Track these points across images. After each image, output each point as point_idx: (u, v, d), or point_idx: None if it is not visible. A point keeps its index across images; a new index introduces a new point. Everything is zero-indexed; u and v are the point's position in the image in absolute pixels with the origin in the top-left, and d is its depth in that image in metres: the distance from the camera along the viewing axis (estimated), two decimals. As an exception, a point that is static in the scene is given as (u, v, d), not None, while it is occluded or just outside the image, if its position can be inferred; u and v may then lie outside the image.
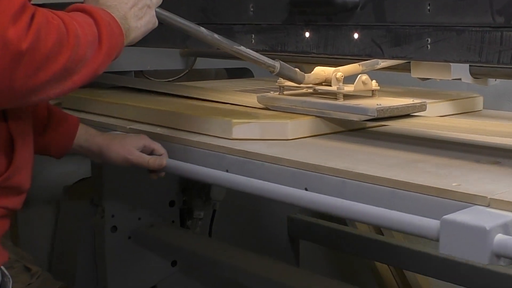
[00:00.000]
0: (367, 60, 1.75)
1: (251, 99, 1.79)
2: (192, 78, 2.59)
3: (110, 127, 1.79)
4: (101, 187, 2.33)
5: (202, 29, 1.49)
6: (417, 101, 1.63)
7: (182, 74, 2.60)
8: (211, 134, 1.59)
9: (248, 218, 2.74)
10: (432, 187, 1.14)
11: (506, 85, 2.21)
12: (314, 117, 1.60)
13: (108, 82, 2.22)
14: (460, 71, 1.73)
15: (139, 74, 2.55)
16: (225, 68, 2.77)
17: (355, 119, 1.56)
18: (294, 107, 1.65)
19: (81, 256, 2.43)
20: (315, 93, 1.71)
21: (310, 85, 1.70)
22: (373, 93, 1.68)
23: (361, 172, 1.24)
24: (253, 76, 2.58)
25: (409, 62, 1.79)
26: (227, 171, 1.46)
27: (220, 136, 1.57)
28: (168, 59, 2.54)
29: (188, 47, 2.18)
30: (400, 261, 2.46)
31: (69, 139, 1.62)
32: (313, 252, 3.09)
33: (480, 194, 1.09)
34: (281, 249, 2.80)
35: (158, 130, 1.69)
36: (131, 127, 1.74)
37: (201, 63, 2.61)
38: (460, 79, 1.75)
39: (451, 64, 1.69)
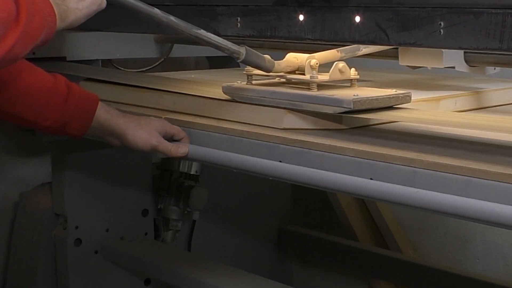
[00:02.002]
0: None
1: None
2: (168, 67, 2.58)
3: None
4: (63, 194, 2.32)
5: (157, 10, 1.49)
6: (400, 91, 1.62)
7: (157, 63, 2.59)
8: (258, 124, 1.63)
9: (233, 229, 2.73)
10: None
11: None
12: None
13: (70, 72, 2.20)
14: (454, 58, 1.76)
15: (107, 63, 2.53)
16: (206, 57, 2.76)
17: (329, 111, 1.56)
18: (262, 98, 1.66)
19: (40, 273, 2.42)
20: (288, 82, 1.71)
21: (282, 74, 1.70)
22: (351, 83, 1.68)
23: (434, 161, 1.29)
24: (238, 66, 2.57)
25: (397, 48, 1.80)
26: (280, 161, 1.51)
27: (269, 126, 1.60)
28: (140, 46, 2.53)
29: (163, 32, 2.17)
30: (408, 279, 2.46)
31: (89, 116, 1.71)
32: (307, 268, 3.08)
33: None
34: (270, 265, 2.80)
35: (198, 119, 1.73)
36: (166, 116, 1.77)
37: (179, 51, 2.59)
38: (453, 67, 1.77)
39: (443, 50, 1.70)
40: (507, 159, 1.31)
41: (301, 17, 1.45)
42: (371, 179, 1.35)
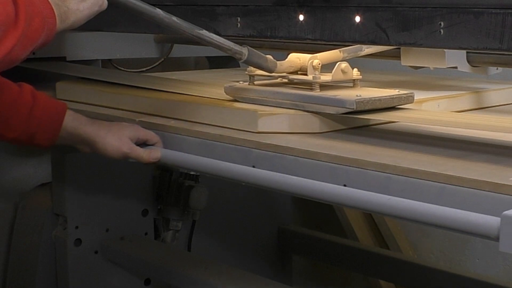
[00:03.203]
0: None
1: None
2: (168, 68, 2.58)
3: (117, 120, 1.79)
4: (63, 194, 2.32)
5: (159, 11, 1.49)
6: (403, 92, 1.62)
7: (157, 63, 2.59)
8: (233, 127, 1.61)
9: (233, 229, 2.73)
10: (488, 181, 1.17)
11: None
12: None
13: (70, 73, 2.21)
14: (456, 58, 1.76)
15: (107, 63, 2.53)
16: (206, 57, 2.76)
17: (331, 112, 1.56)
18: (264, 98, 1.65)
19: (40, 274, 2.41)
20: (290, 83, 1.71)
21: (284, 74, 1.70)
22: (354, 83, 1.68)
23: (409, 166, 1.27)
24: (238, 66, 2.57)
25: (399, 48, 1.80)
26: (253, 166, 1.48)
27: (243, 129, 1.59)
28: (140, 46, 2.53)
29: (163, 32, 2.17)
30: (408, 280, 2.46)
31: (56, 126, 1.68)
32: (307, 268, 3.08)
33: None
34: (270, 265, 2.80)
35: (172, 122, 1.71)
36: (140, 119, 1.76)
37: (179, 51, 2.59)
38: (456, 67, 1.77)
39: (445, 50, 1.70)
40: (500, 159, 1.30)
41: (301, 17, 1.45)
42: (344, 185, 1.33)
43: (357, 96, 1.54)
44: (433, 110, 1.74)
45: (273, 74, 1.70)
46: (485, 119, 1.62)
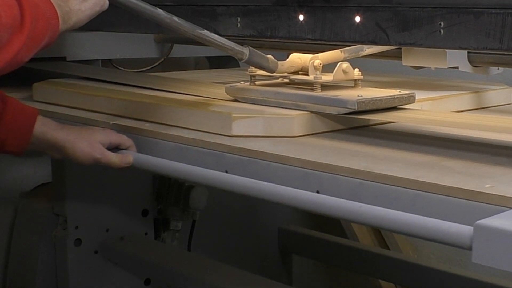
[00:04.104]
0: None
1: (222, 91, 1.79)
2: (168, 67, 2.58)
3: (90, 123, 1.78)
4: (63, 194, 2.32)
5: (160, 11, 1.49)
6: (404, 92, 1.62)
7: (157, 63, 2.59)
8: (207, 131, 1.59)
9: (233, 229, 2.73)
10: (462, 189, 1.14)
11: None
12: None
13: (70, 72, 2.21)
14: (457, 58, 1.76)
15: (107, 63, 2.53)
16: (206, 57, 2.76)
17: (333, 112, 1.56)
18: (266, 98, 1.65)
19: (40, 274, 2.41)
20: (291, 83, 1.71)
21: (285, 74, 1.70)
22: (355, 83, 1.68)
23: (382, 172, 1.24)
24: (238, 66, 2.57)
25: (400, 48, 1.81)
26: (226, 172, 1.46)
27: (218, 132, 1.57)
28: (140, 46, 2.53)
29: (163, 32, 2.17)
30: (408, 280, 2.46)
31: (27, 132, 1.63)
32: (308, 268, 3.08)
33: None
34: (271, 265, 2.80)
35: (146, 126, 1.69)
36: (114, 122, 1.74)
37: (179, 51, 2.59)
38: (457, 67, 1.77)
39: (446, 50, 1.70)
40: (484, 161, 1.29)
41: (301, 17, 1.45)
42: (317, 191, 1.30)
43: (358, 96, 1.54)
44: (433, 110, 1.74)
45: (274, 74, 1.70)
46: (485, 119, 1.62)
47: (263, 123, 1.55)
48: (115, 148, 1.64)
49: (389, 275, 2.54)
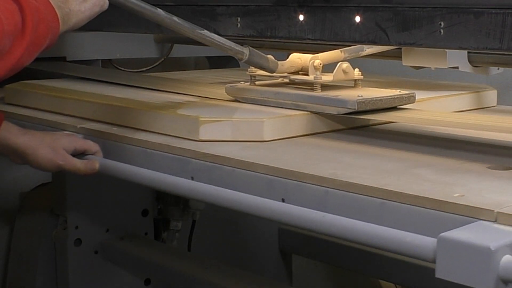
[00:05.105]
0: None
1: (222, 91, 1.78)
2: (168, 67, 2.58)
3: (58, 126, 1.75)
4: (63, 194, 2.32)
5: (160, 11, 1.48)
6: (404, 92, 1.62)
7: (157, 63, 2.59)
8: (175, 135, 1.55)
9: (233, 229, 2.73)
10: (429, 198, 1.09)
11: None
12: (298, 115, 1.57)
13: (70, 72, 2.21)
14: (458, 58, 1.76)
15: (107, 63, 2.53)
16: (206, 57, 2.76)
17: (333, 112, 1.56)
18: (266, 99, 1.65)
19: (40, 274, 2.41)
20: (291, 83, 1.71)
21: (285, 74, 1.70)
22: (355, 83, 1.68)
23: (347, 180, 1.19)
24: (238, 66, 2.57)
25: (400, 48, 1.81)
26: (192, 178, 1.41)
27: (185, 137, 1.53)
28: (140, 46, 2.53)
29: (163, 32, 2.17)
30: (409, 280, 2.45)
31: None
32: (308, 268, 3.08)
33: (486, 207, 1.03)
34: (271, 265, 2.80)
35: (114, 129, 1.66)
36: (82, 126, 1.72)
37: (179, 51, 2.60)
38: (457, 67, 1.77)
39: (446, 50, 1.70)
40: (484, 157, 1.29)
41: (301, 17, 1.45)
42: (283, 199, 1.25)
43: (358, 96, 1.55)
44: (433, 110, 1.74)
45: (274, 74, 1.70)
46: (485, 119, 1.62)
47: (232, 127, 1.50)
48: (81, 154, 1.61)
49: (389, 275, 2.53)
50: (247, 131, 1.50)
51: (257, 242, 2.79)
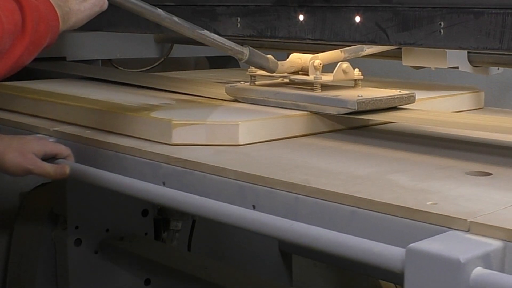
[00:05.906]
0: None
1: (222, 91, 1.78)
2: (168, 67, 2.58)
3: (31, 129, 1.73)
4: (63, 194, 2.32)
5: (160, 11, 1.48)
6: (404, 92, 1.62)
7: (157, 63, 2.59)
8: (148, 139, 1.52)
9: (233, 230, 2.72)
10: (400, 206, 1.04)
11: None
12: (277, 117, 1.55)
13: (70, 72, 2.21)
14: (458, 58, 1.76)
15: (107, 63, 2.53)
16: (206, 57, 2.76)
17: (333, 112, 1.56)
18: (266, 99, 1.65)
19: (40, 274, 2.41)
20: (291, 83, 1.71)
21: (285, 74, 1.70)
22: (355, 83, 1.68)
23: (318, 187, 1.15)
24: (238, 66, 2.57)
25: (400, 48, 1.81)
26: (163, 183, 1.37)
27: (158, 140, 1.50)
28: (140, 46, 2.53)
29: (163, 32, 2.17)
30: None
31: None
32: (308, 268, 3.08)
33: (458, 216, 0.99)
34: (271, 265, 2.80)
35: (87, 133, 1.63)
36: (55, 129, 1.69)
37: (179, 51, 2.59)
38: (457, 67, 1.77)
39: (446, 50, 1.70)
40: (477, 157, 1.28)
41: (301, 17, 1.45)
42: (253, 206, 1.21)
43: (358, 96, 1.55)
44: (433, 110, 1.74)
45: (274, 74, 1.70)
46: (485, 119, 1.62)
47: (206, 131, 1.47)
48: (52, 157, 1.57)
49: (389, 275, 2.53)
50: (222, 135, 1.47)
51: (257, 242, 2.79)
